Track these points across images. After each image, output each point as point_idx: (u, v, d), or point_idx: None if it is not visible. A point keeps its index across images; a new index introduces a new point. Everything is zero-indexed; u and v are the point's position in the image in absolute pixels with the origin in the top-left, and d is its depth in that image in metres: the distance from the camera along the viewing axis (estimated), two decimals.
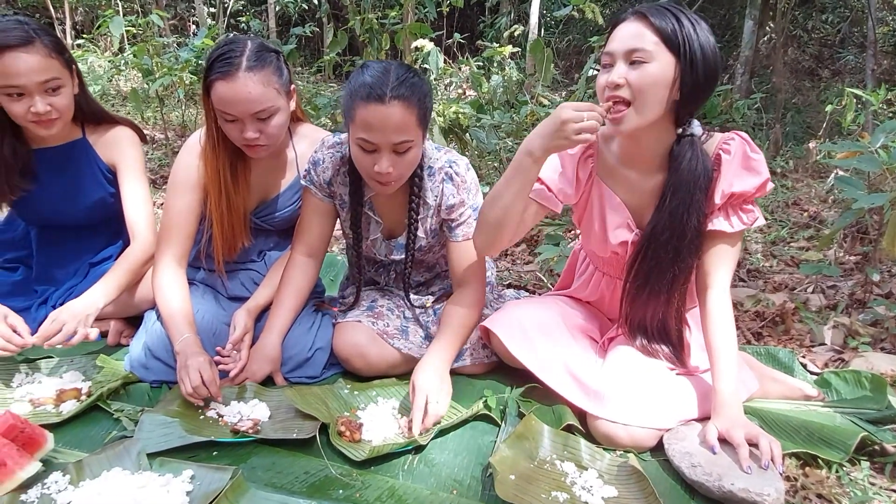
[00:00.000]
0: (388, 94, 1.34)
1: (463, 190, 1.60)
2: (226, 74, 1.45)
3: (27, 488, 1.17)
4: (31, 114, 1.54)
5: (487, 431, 1.45)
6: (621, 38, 1.29)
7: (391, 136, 1.38)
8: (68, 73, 1.59)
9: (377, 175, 1.43)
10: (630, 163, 1.44)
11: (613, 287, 1.60)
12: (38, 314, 1.78)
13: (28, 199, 1.70)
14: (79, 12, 8.42)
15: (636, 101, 1.27)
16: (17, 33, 1.48)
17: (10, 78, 1.49)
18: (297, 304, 1.67)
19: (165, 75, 3.84)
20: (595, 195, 1.50)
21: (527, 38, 6.89)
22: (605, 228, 1.49)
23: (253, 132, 1.50)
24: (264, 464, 1.31)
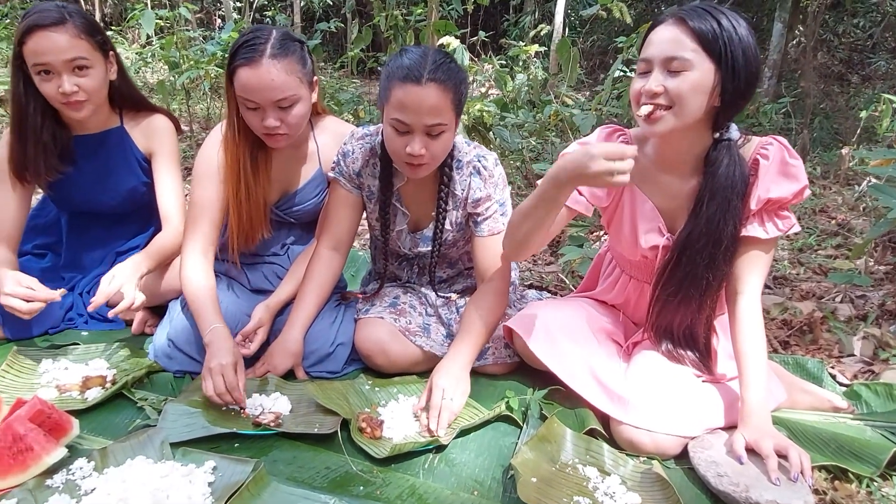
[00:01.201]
0: (424, 76, 1.35)
1: (490, 184, 1.60)
2: (249, 61, 1.45)
3: (53, 473, 1.18)
4: (59, 94, 1.56)
5: (509, 433, 1.44)
6: (659, 44, 1.25)
7: (425, 118, 1.38)
8: (100, 56, 1.61)
9: (408, 157, 1.42)
10: (665, 167, 1.42)
11: (640, 291, 1.58)
12: (65, 300, 1.81)
13: (64, 183, 1.72)
14: (107, 4, 8.54)
15: (675, 107, 1.25)
16: (51, 14, 1.52)
17: (39, 56, 1.52)
18: (321, 298, 1.67)
19: (192, 68, 3.86)
20: (626, 199, 1.48)
21: (551, 37, 6.85)
22: (635, 233, 1.47)
23: (274, 120, 1.50)
24: (286, 457, 1.31)
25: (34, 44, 1.51)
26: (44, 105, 1.61)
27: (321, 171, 1.75)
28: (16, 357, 1.56)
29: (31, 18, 1.51)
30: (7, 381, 1.49)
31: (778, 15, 6.85)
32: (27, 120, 1.62)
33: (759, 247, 1.37)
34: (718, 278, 1.39)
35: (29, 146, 1.63)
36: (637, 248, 1.47)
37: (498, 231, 1.63)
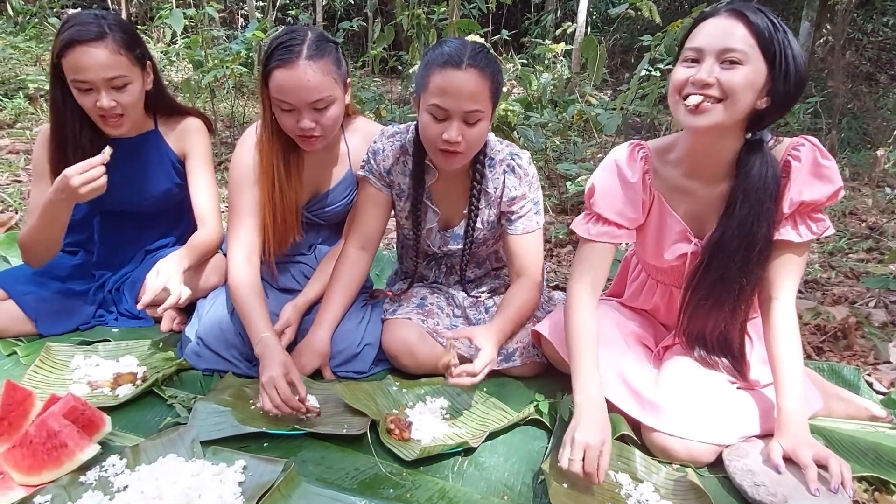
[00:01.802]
0: (465, 62, 1.37)
1: (525, 183, 1.60)
2: (286, 62, 1.44)
3: (86, 470, 1.19)
4: (97, 108, 1.57)
5: (538, 437, 1.43)
6: (714, 34, 1.22)
7: (464, 103, 1.38)
8: (138, 70, 1.61)
9: (445, 144, 1.42)
10: (693, 173, 1.39)
11: (669, 295, 1.55)
12: (96, 297, 1.83)
13: None
14: (133, 3, 8.65)
15: (726, 101, 1.22)
16: (90, 28, 1.51)
17: (79, 72, 1.52)
18: (349, 298, 1.66)
19: (217, 67, 3.89)
20: (654, 211, 1.45)
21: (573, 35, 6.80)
22: (661, 244, 1.44)
23: (309, 122, 1.49)
24: (314, 458, 1.30)
25: (73, 59, 1.50)
26: (82, 111, 1.61)
27: (351, 172, 1.75)
28: (48, 353, 1.57)
29: (71, 32, 1.50)
30: (40, 376, 1.51)
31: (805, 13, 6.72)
32: (66, 126, 1.63)
33: (792, 250, 1.33)
34: (752, 282, 1.36)
35: (69, 152, 1.64)
36: (665, 259, 1.45)
37: (532, 230, 1.62)
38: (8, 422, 1.25)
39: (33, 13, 6.97)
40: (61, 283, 1.79)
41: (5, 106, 4.47)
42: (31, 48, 5.87)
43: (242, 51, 4.04)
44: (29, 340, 1.69)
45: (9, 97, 4.62)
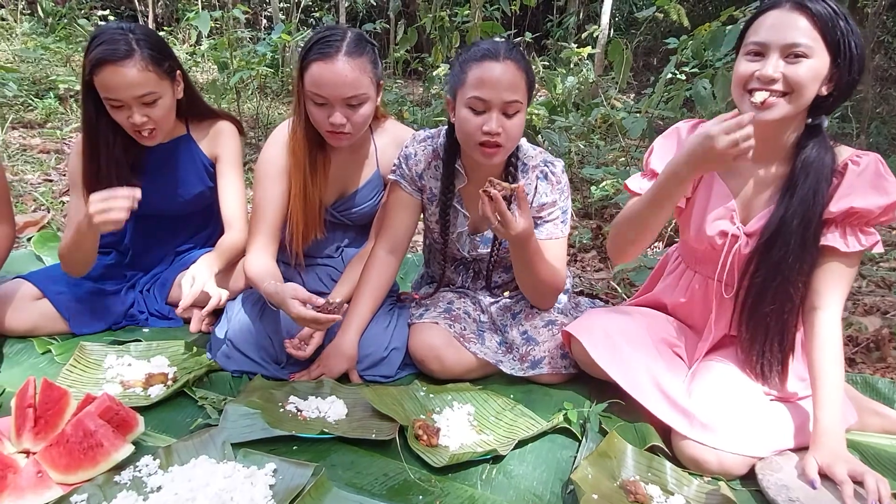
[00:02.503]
0: (502, 54, 1.41)
1: (557, 190, 1.61)
2: (325, 56, 1.47)
3: (120, 470, 1.20)
4: (129, 123, 1.59)
5: (566, 446, 1.41)
6: (778, 27, 1.22)
7: (503, 94, 1.40)
8: (167, 83, 1.63)
9: (484, 137, 1.43)
10: (753, 154, 1.38)
11: (705, 287, 1.52)
12: (127, 297, 1.85)
13: None
14: (159, 5, 8.78)
15: (792, 94, 1.23)
16: (119, 46, 1.52)
17: (110, 91, 1.55)
18: (376, 301, 1.67)
19: (244, 69, 3.93)
20: (704, 187, 1.45)
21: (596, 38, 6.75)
22: (704, 218, 1.43)
23: (340, 118, 1.50)
24: (343, 462, 1.31)
25: (104, 79, 1.52)
26: (115, 123, 1.63)
27: (378, 173, 1.76)
28: (82, 352, 1.60)
29: (100, 51, 1.51)
30: (74, 375, 1.54)
31: None
32: (99, 137, 1.65)
33: (840, 260, 1.31)
34: (804, 278, 1.33)
35: (102, 163, 1.67)
36: (706, 236, 1.43)
37: (556, 236, 1.63)
38: (45, 420, 1.27)
39: (63, 14, 7.11)
40: (94, 284, 1.81)
41: (36, 106, 4.55)
42: (61, 49, 5.98)
43: (268, 53, 4.08)
44: (62, 339, 1.72)
45: (39, 97, 4.71)
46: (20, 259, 2.21)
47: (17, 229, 2.52)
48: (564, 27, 8.73)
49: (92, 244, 1.60)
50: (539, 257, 1.54)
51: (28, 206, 2.90)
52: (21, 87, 4.64)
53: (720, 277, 1.42)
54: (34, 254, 2.25)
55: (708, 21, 3.39)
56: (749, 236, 1.39)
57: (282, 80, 5.50)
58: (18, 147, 3.77)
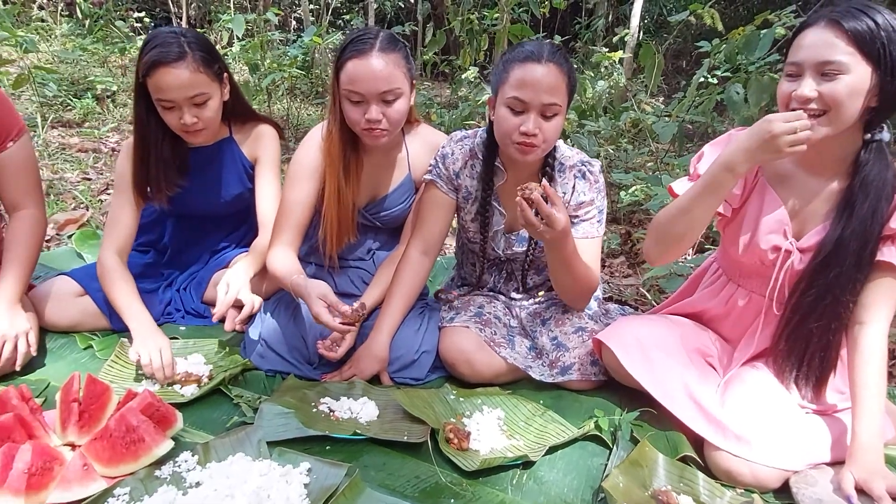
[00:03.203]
0: (545, 56, 1.43)
1: (594, 189, 1.63)
2: (360, 53, 1.51)
3: (161, 465, 1.24)
4: (180, 124, 1.64)
5: (597, 453, 1.41)
6: (810, 47, 1.21)
7: (543, 95, 1.42)
8: (216, 85, 1.67)
9: (521, 137, 1.45)
10: (808, 166, 1.36)
11: (748, 301, 1.50)
12: (164, 296, 1.90)
13: (179, 194, 1.81)
14: (192, 7, 8.94)
15: (830, 113, 1.21)
16: (172, 49, 1.57)
17: (162, 92, 1.59)
18: (408, 303, 1.68)
19: (276, 71, 3.99)
20: (755, 198, 1.42)
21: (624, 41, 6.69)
22: (755, 231, 1.41)
23: (377, 113, 1.53)
24: (376, 463, 1.32)
25: (157, 80, 1.57)
26: (164, 125, 1.68)
27: (410, 177, 1.77)
28: (122, 349, 1.64)
29: (154, 54, 1.56)
30: (115, 371, 1.58)
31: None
32: (149, 137, 1.70)
33: (893, 275, 1.29)
34: (855, 296, 1.31)
35: (151, 164, 1.71)
36: (756, 251, 1.40)
37: (592, 236, 1.64)
38: (88, 414, 1.31)
39: (100, 16, 7.28)
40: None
41: (74, 106, 4.66)
42: (98, 50, 6.12)
43: (300, 55, 4.13)
44: (103, 335, 1.77)
45: (78, 97, 4.83)
46: (62, 256, 2.28)
47: (59, 227, 2.62)
48: (592, 30, 8.67)
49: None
50: (576, 256, 1.54)
51: (68, 204, 2.98)
52: (60, 88, 4.76)
53: (771, 294, 1.40)
54: (75, 251, 2.32)
55: (741, 24, 3.34)
56: (802, 252, 1.36)
57: (311, 82, 5.56)
58: (58, 146, 3.88)
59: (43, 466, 1.14)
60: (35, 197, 1.66)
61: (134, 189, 1.74)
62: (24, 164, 1.62)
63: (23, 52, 4.24)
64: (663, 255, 1.48)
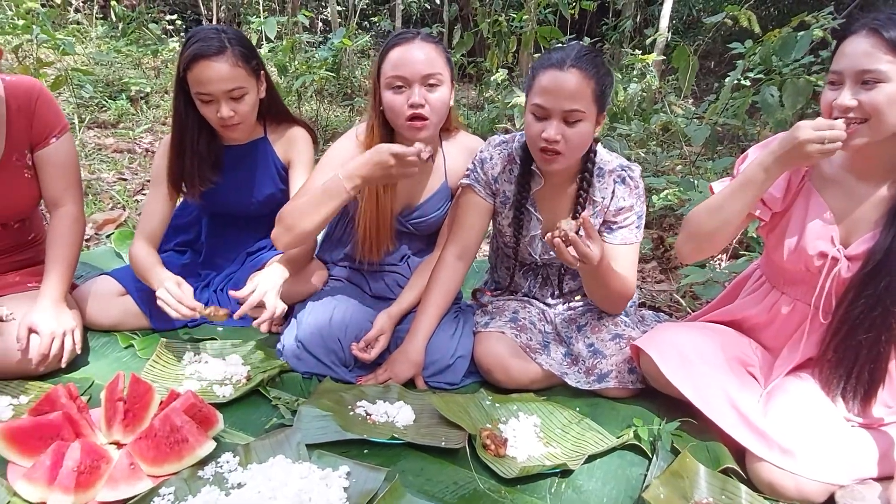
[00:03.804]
0: (568, 62, 1.42)
1: (635, 195, 1.62)
2: (404, 41, 1.56)
3: (203, 465, 1.25)
4: (217, 118, 1.66)
5: (636, 463, 1.40)
6: (851, 56, 1.21)
7: (563, 102, 1.41)
8: (254, 80, 1.70)
9: (543, 143, 1.44)
10: (856, 172, 1.34)
11: (791, 310, 1.47)
12: (202, 297, 1.92)
13: (212, 190, 1.84)
14: (222, 9, 9.07)
15: (871, 120, 1.21)
16: (212, 43, 1.60)
17: (201, 85, 1.62)
18: (444, 308, 1.69)
19: (305, 73, 4.02)
20: (800, 203, 1.40)
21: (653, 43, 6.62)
22: (800, 237, 1.38)
23: (419, 98, 1.54)
24: (413, 468, 1.33)
25: (197, 73, 1.61)
26: (201, 120, 1.72)
27: (447, 184, 1.78)
28: (163, 349, 1.67)
29: (195, 47, 1.60)
30: (156, 371, 1.61)
31: None
32: (186, 133, 1.73)
33: None
34: None
35: (187, 159, 1.75)
36: (802, 257, 1.38)
37: (630, 241, 1.63)
38: (133, 413, 1.34)
39: (133, 18, 7.43)
40: None
41: (109, 107, 4.76)
42: (132, 52, 6.24)
43: (330, 57, 4.16)
44: (143, 334, 1.80)
45: (113, 98, 4.93)
46: (102, 255, 2.33)
47: (97, 226, 2.67)
48: (620, 30, 8.59)
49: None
50: (609, 272, 1.53)
51: (105, 204, 3.04)
52: (96, 89, 4.87)
53: (817, 303, 1.37)
54: (114, 251, 2.37)
55: (771, 24, 3.28)
56: (850, 260, 1.33)
57: (339, 84, 5.60)
58: (94, 146, 3.96)
59: (91, 465, 1.17)
60: (74, 194, 1.68)
61: (169, 182, 1.78)
62: (65, 160, 1.65)
63: (61, 54, 4.34)
64: (694, 252, 1.49)
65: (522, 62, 5.67)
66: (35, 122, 1.58)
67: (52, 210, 1.67)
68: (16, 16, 4.58)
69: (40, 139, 1.59)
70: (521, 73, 5.75)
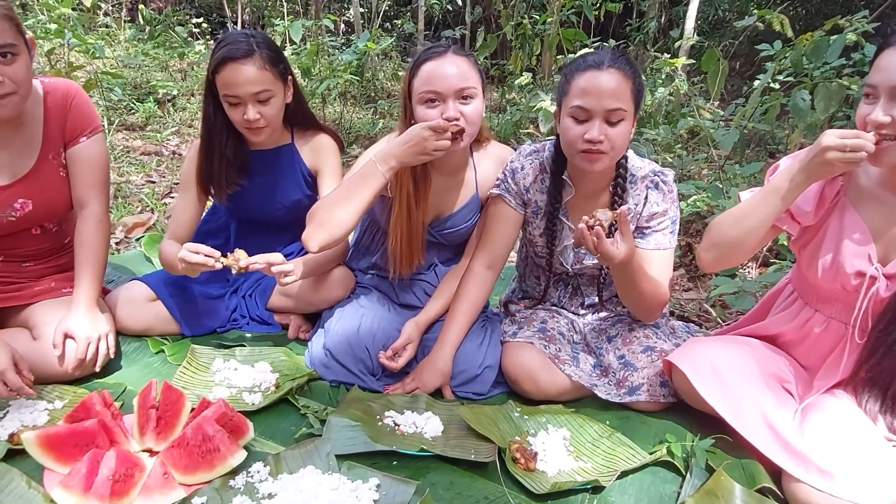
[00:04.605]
0: (606, 63, 1.42)
1: (669, 199, 1.60)
2: (435, 55, 1.55)
3: (235, 474, 1.26)
4: (244, 120, 1.67)
5: (669, 480, 1.37)
6: (886, 70, 1.18)
7: (605, 101, 1.40)
8: (280, 84, 1.71)
9: (587, 145, 1.43)
10: (894, 189, 1.31)
11: (825, 328, 1.44)
12: (230, 302, 1.94)
13: (239, 194, 1.85)
14: (246, 12, 9.17)
15: None
16: (241, 46, 1.62)
17: (229, 87, 1.63)
18: (472, 318, 1.68)
19: (329, 77, 4.04)
20: (835, 218, 1.37)
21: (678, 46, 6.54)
22: (836, 255, 1.35)
23: (454, 111, 1.53)
24: (443, 482, 1.32)
25: (226, 75, 1.62)
26: (229, 124, 1.73)
27: (477, 196, 1.76)
28: (194, 355, 1.69)
29: (224, 50, 1.61)
30: (187, 377, 1.62)
31: None
32: (214, 136, 1.75)
33: None
34: None
35: (215, 161, 1.77)
36: (837, 276, 1.35)
37: (664, 247, 1.61)
38: (165, 421, 1.35)
39: (160, 21, 7.54)
40: (201, 287, 1.91)
41: (137, 109, 4.84)
42: (159, 55, 6.34)
43: (354, 60, 4.18)
44: (173, 340, 1.81)
45: (140, 101, 5.01)
46: (132, 259, 2.36)
47: (127, 230, 2.71)
48: (644, 32, 8.50)
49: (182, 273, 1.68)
50: (641, 275, 1.51)
51: (135, 207, 3.09)
52: (124, 92, 4.95)
53: (854, 322, 1.34)
54: (144, 255, 2.40)
55: (800, 26, 3.21)
56: (889, 279, 1.30)
57: (363, 87, 5.63)
58: (123, 149, 4.03)
59: (125, 473, 1.18)
60: (99, 195, 1.68)
61: (198, 184, 1.80)
62: (93, 159, 1.66)
63: (91, 57, 4.41)
64: (716, 261, 1.46)
65: (545, 65, 5.64)
66: (69, 120, 1.61)
67: (78, 212, 1.69)
68: (49, 20, 4.68)
69: (72, 137, 1.62)
70: (544, 76, 5.72)
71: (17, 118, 1.53)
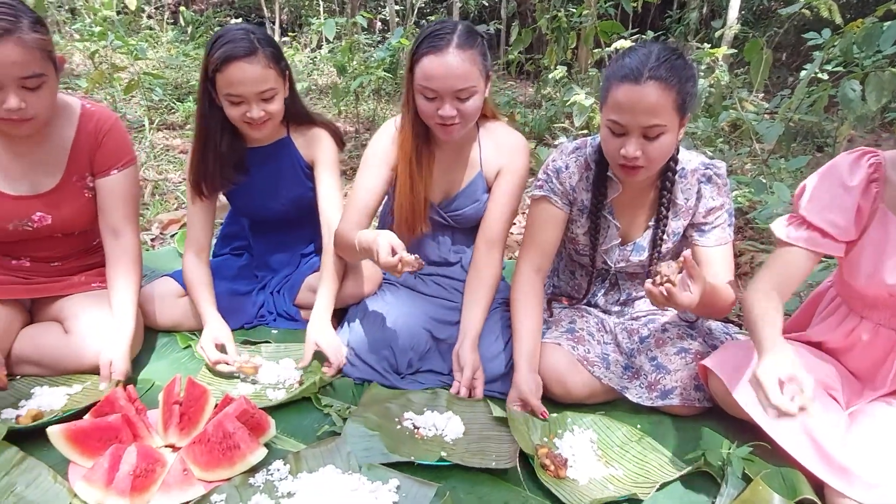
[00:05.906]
0: (644, 75, 1.30)
1: (723, 193, 1.53)
2: (436, 49, 1.49)
3: (255, 472, 1.25)
4: (245, 117, 1.65)
5: (703, 489, 1.31)
6: None
7: (640, 119, 1.31)
8: (282, 81, 1.69)
9: (623, 160, 1.37)
10: None
11: (874, 334, 1.35)
12: (257, 298, 1.95)
13: (238, 192, 1.85)
14: (284, 12, 9.29)
15: None
16: (242, 45, 1.58)
17: (233, 87, 1.61)
18: (538, 322, 1.60)
19: (364, 74, 4.04)
20: (875, 227, 1.29)
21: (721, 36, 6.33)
22: (882, 264, 1.27)
23: (450, 110, 1.51)
24: (464, 486, 1.28)
25: (229, 75, 1.59)
26: (224, 121, 1.71)
27: (482, 174, 1.73)
28: None
29: (225, 49, 1.58)
30: (211, 374, 1.63)
31: None
32: (209, 134, 1.73)
33: None
34: None
35: (209, 159, 1.75)
36: (883, 286, 1.27)
37: (725, 241, 1.55)
38: (188, 416, 1.35)
39: (202, 22, 7.71)
40: (229, 284, 1.92)
41: (177, 109, 4.94)
42: (199, 55, 6.47)
43: (387, 57, 4.17)
44: (201, 335, 1.82)
45: (181, 101, 5.11)
46: (165, 256, 2.40)
47: (162, 226, 2.75)
48: (685, 23, 8.27)
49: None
50: (714, 297, 1.40)
51: (171, 204, 3.15)
52: (165, 92, 5.06)
53: None
54: (177, 251, 2.43)
55: (853, 13, 3.05)
56: None
57: (396, 83, 5.63)
58: (162, 147, 4.11)
59: (146, 468, 1.18)
60: (132, 225, 1.67)
61: (190, 186, 1.79)
62: (124, 192, 1.64)
63: (133, 58, 4.52)
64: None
65: (582, 58, 5.53)
66: (99, 152, 1.59)
67: (108, 235, 1.65)
68: (93, 23, 4.82)
69: (102, 168, 1.61)
70: (580, 70, 5.60)
71: (38, 134, 1.52)
